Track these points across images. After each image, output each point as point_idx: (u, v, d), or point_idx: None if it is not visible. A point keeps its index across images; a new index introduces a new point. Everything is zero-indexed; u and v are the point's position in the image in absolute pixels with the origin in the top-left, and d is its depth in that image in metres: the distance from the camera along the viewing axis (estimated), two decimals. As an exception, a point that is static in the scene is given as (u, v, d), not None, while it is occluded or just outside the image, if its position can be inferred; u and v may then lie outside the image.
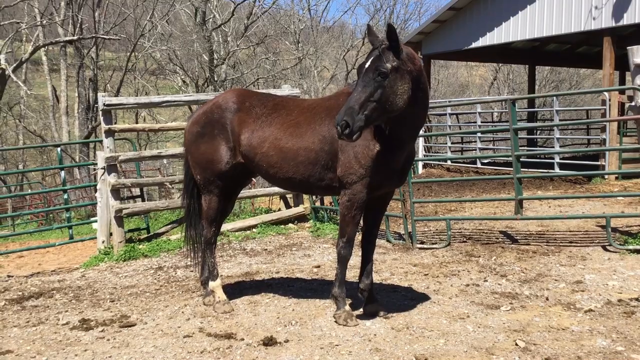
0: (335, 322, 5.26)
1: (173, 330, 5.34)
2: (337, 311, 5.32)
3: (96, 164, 9.87)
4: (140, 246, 9.30)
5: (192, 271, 7.53)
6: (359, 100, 4.60)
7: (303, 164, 5.35)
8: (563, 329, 4.95)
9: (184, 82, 31.19)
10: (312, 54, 34.69)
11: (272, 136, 5.48)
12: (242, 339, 5.00)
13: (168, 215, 12.88)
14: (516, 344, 4.63)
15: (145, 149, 27.97)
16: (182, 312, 5.92)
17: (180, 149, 9.81)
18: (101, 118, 9.47)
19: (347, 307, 5.33)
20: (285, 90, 10.59)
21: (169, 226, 10.25)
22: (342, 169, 5.16)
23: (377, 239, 8.55)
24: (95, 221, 10.47)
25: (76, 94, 29.92)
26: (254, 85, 30.49)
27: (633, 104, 7.57)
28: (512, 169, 8.48)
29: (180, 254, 8.62)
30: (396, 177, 5.29)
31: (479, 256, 7.68)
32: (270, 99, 5.83)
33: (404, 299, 5.95)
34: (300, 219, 10.79)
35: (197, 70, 30.75)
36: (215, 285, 5.97)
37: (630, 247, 7.45)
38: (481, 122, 17.51)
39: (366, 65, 4.69)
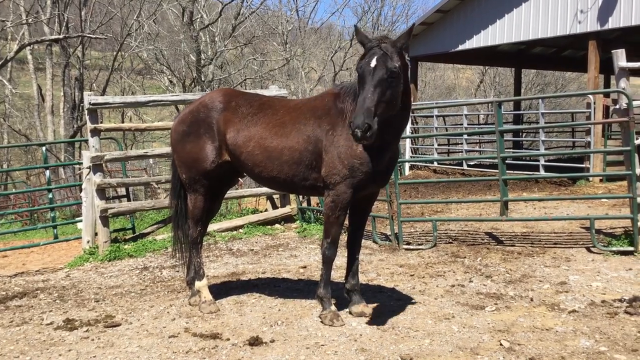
0: (321, 322, 5.27)
1: (158, 331, 5.32)
2: (323, 311, 5.33)
3: (81, 163, 9.80)
4: (126, 246, 9.25)
5: (177, 271, 7.50)
6: (374, 101, 4.48)
7: (287, 164, 5.34)
8: (547, 330, 4.98)
9: (170, 82, 31.02)
10: (300, 55, 34.71)
11: (258, 135, 5.47)
12: (228, 339, 4.99)
13: (154, 215, 12.82)
14: (501, 344, 4.66)
15: (131, 149, 27.81)
16: (168, 312, 5.90)
17: (166, 149, 9.76)
18: (87, 117, 9.40)
19: (333, 308, 5.33)
20: (272, 91, 10.59)
21: (155, 226, 10.20)
22: (326, 170, 5.16)
23: (364, 240, 8.57)
24: (80, 221, 10.40)
25: (62, 93, 29.69)
26: (241, 86, 30.40)
27: (617, 106, 7.65)
28: (497, 170, 8.53)
29: (166, 254, 8.58)
30: (380, 178, 5.28)
31: (465, 257, 7.72)
32: (257, 99, 5.82)
33: (390, 299, 5.97)
34: (287, 219, 10.79)
35: (184, 70, 30.64)
36: (201, 285, 5.95)
37: (614, 248, 7.53)
38: (467, 124, 17.60)
39: (372, 65, 4.59)
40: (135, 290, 6.91)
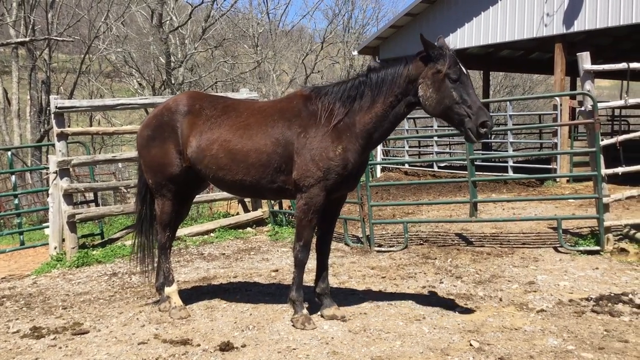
0: (293, 325, 5.25)
1: (127, 337, 5.25)
2: (294, 315, 5.31)
3: (48, 168, 9.64)
4: (94, 252, 9.11)
5: (147, 277, 7.41)
6: None
7: (254, 166, 5.28)
8: (516, 329, 5.04)
9: (140, 85, 30.66)
10: (271, 57, 34.59)
11: (222, 138, 5.39)
12: (199, 345, 4.94)
13: (123, 220, 12.64)
14: (470, 344, 4.70)
15: (99, 153, 27.43)
16: (137, 318, 5.82)
17: (135, 153, 9.65)
18: (53, 121, 9.26)
19: (305, 311, 5.32)
20: (243, 93, 10.55)
21: (124, 231, 10.07)
22: (298, 172, 5.13)
23: (336, 243, 8.58)
24: (47, 227, 10.22)
25: (28, 97, 29.13)
26: (212, 89, 30.18)
27: (583, 108, 7.78)
28: (467, 172, 8.62)
29: (135, 259, 8.47)
30: (352, 180, 5.31)
31: (435, 258, 7.78)
32: (221, 101, 5.75)
33: (361, 301, 5.98)
34: (259, 222, 10.75)
35: (154, 73, 30.28)
36: (171, 290, 5.89)
37: (581, 248, 7.66)
38: (438, 126, 17.73)
39: (465, 71, 4.88)
40: (104, 297, 6.81)
